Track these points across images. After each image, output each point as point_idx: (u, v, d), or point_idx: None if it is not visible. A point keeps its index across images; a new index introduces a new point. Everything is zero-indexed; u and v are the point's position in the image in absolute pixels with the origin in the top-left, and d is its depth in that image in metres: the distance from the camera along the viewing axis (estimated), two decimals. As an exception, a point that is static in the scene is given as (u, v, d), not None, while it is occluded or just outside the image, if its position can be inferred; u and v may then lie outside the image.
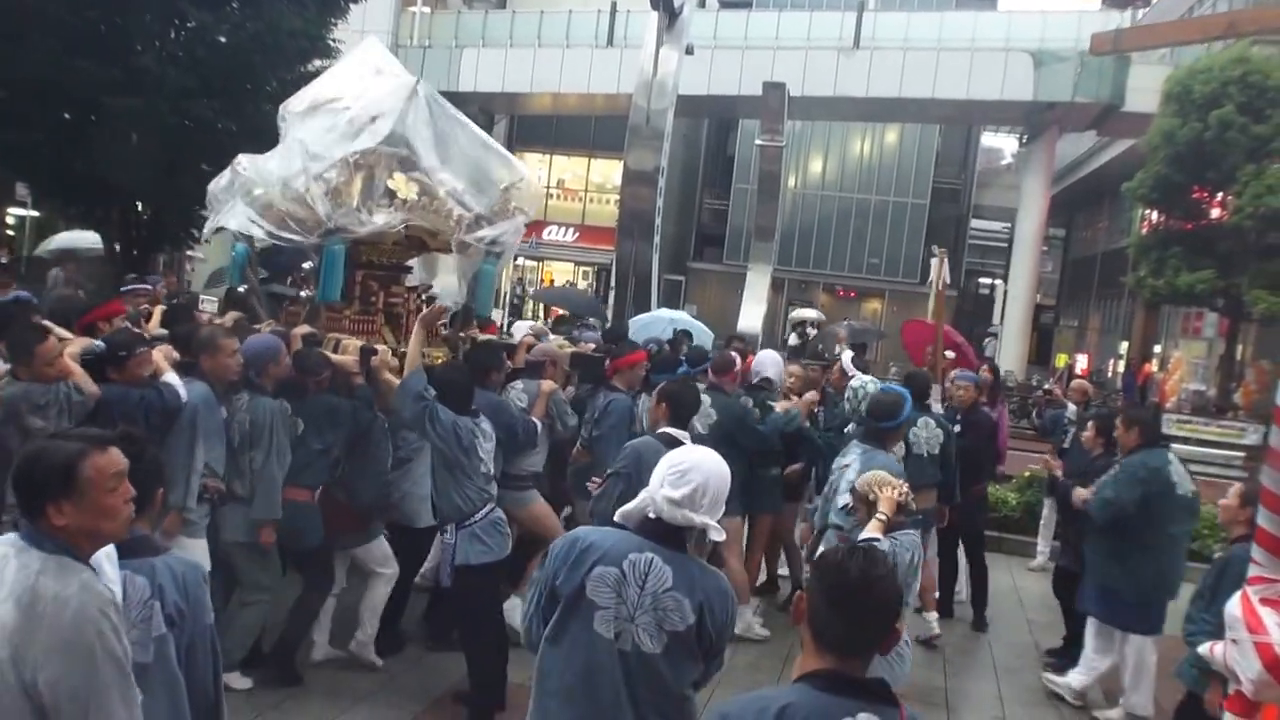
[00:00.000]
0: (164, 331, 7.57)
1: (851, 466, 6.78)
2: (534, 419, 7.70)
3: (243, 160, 8.50)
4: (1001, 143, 57.26)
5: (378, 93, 8.29)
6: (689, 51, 24.47)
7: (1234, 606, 2.50)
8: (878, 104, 35.96)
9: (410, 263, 9.00)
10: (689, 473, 3.72)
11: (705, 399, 8.26)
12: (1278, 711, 2.51)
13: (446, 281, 9.49)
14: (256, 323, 8.35)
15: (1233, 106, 22.91)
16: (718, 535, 3.78)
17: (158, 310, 8.79)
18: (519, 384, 8.10)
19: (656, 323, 14.91)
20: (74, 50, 15.73)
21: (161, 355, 6.38)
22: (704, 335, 14.89)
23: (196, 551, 6.16)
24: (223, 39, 17.93)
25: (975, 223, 53.73)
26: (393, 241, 8.20)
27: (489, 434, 6.64)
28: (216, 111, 17.80)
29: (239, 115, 18.30)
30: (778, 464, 9.07)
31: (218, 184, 8.50)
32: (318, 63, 20.66)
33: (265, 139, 18.34)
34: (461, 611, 6.94)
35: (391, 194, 8.01)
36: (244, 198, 8.12)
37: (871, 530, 5.28)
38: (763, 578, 9.89)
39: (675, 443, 5.54)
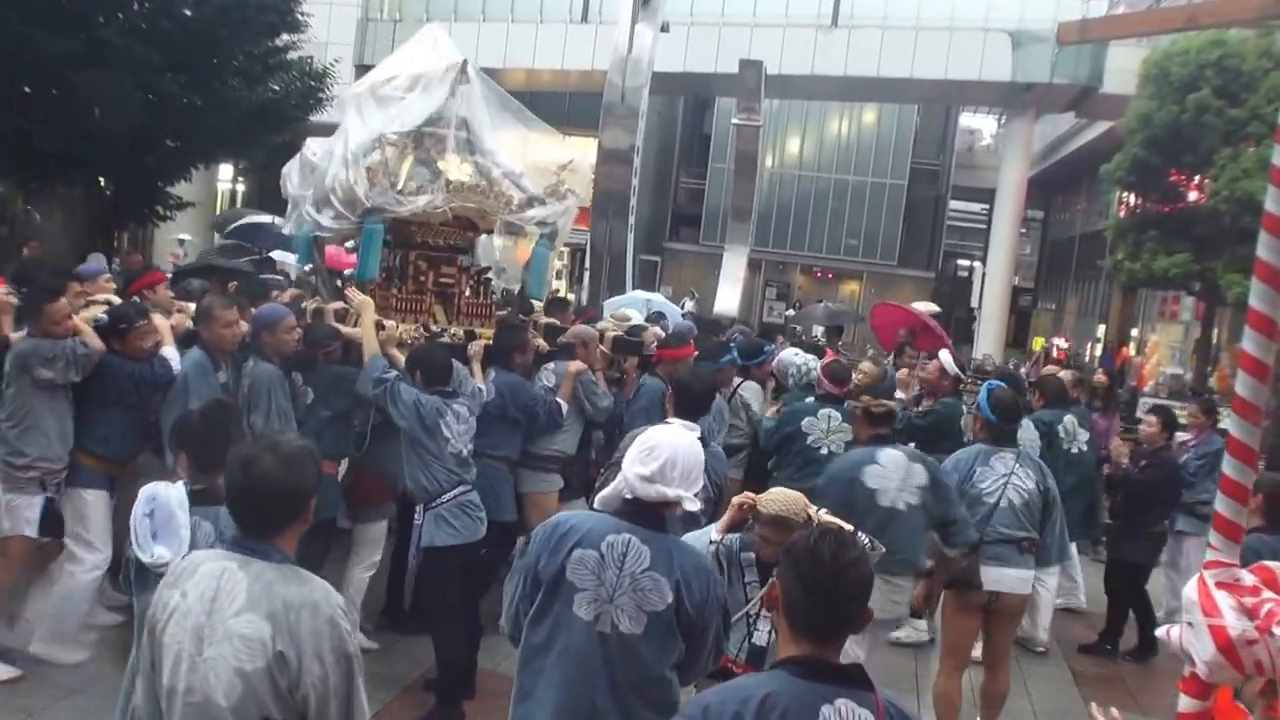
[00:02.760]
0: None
1: (1018, 474, 6.69)
2: (559, 400, 7.78)
3: (311, 145, 8.84)
4: (980, 123, 57.32)
5: (430, 74, 8.47)
6: (664, 28, 24.38)
7: (1190, 590, 2.51)
8: (856, 83, 35.86)
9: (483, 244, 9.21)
10: (656, 449, 3.82)
11: (833, 414, 8.12)
12: (1231, 693, 2.57)
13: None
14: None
15: (1209, 90, 22.86)
16: (691, 506, 3.89)
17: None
18: (550, 365, 8.13)
19: (632, 304, 14.79)
20: (33, 22, 15.47)
21: (168, 325, 6.97)
22: (677, 317, 14.80)
23: None
24: (188, 12, 17.77)
25: (953, 204, 53.76)
26: (440, 223, 8.31)
27: (462, 415, 6.70)
28: (182, 86, 17.68)
29: (205, 90, 18.20)
30: None
31: (290, 171, 8.81)
32: (285, 37, 20.52)
33: (232, 114, 18.38)
34: (428, 595, 6.95)
35: (439, 175, 8.19)
36: (315, 185, 8.35)
37: None
38: None
39: None
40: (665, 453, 3.81)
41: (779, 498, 4.73)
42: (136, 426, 6.88)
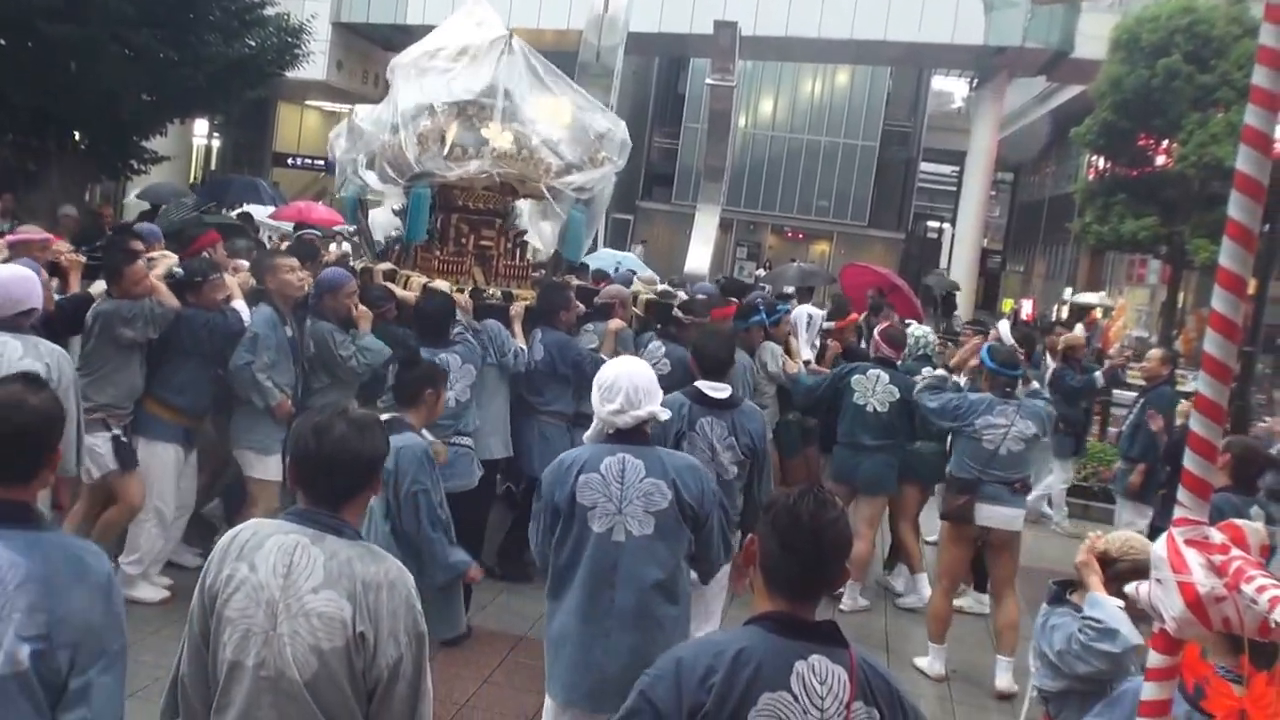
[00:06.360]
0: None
1: (1018, 425, 7.23)
2: (603, 356, 7.97)
3: (359, 111, 9.25)
4: (952, 86, 57.26)
5: (475, 46, 8.83)
6: (640, -12, 24.28)
7: (1159, 547, 2.60)
8: (829, 45, 35.79)
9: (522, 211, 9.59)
10: (614, 384, 4.36)
11: (882, 375, 8.43)
12: (1199, 649, 2.64)
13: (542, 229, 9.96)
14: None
15: (1179, 55, 23.01)
16: (663, 415, 4.54)
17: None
18: (590, 326, 8.50)
19: (603, 263, 14.87)
20: (9, -25, 15.38)
21: (235, 282, 7.26)
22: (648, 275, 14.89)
23: (270, 466, 7.09)
24: (164, -35, 17.65)
25: (924, 166, 53.84)
26: (483, 187, 8.67)
27: (451, 365, 6.98)
28: (158, 41, 17.59)
29: (180, 45, 18.14)
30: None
31: (337, 137, 9.20)
32: (261, -8, 20.46)
33: (207, 69, 18.32)
34: None
35: (484, 141, 8.50)
36: (363, 149, 8.78)
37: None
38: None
39: (705, 398, 5.75)
40: (624, 383, 4.35)
41: (1129, 542, 4.26)
42: (210, 378, 7.12)
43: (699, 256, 26.71)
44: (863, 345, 10.51)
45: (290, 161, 39.66)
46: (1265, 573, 2.15)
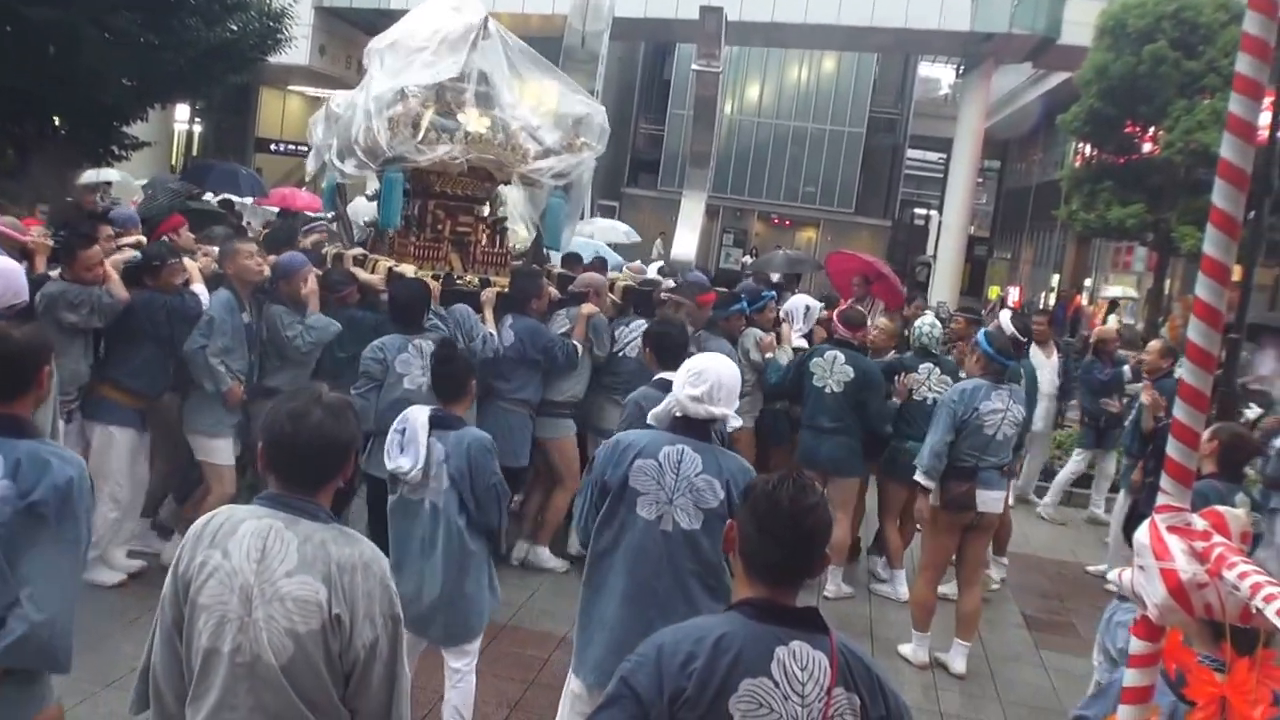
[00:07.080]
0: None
1: (1012, 409, 7.35)
2: (574, 342, 8.12)
3: (336, 97, 9.21)
4: (939, 73, 57.34)
5: (452, 30, 8.79)
6: (626, -27, 24.18)
7: (1142, 534, 2.58)
8: (816, 31, 35.75)
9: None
10: (704, 373, 4.39)
11: (839, 356, 8.45)
12: (1181, 635, 2.63)
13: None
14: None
15: (1166, 42, 22.99)
16: (736, 422, 4.54)
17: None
18: (563, 311, 8.45)
19: (583, 249, 14.84)
20: (-13, -42, 15.25)
21: (195, 266, 7.31)
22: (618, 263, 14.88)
23: (220, 450, 7.14)
24: (145, -51, 17.51)
25: (911, 153, 53.96)
26: (458, 173, 8.65)
27: (425, 350, 6.89)
28: (140, 25, 17.44)
29: (163, 29, 17.99)
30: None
31: (315, 123, 9.21)
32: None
33: (189, 54, 18.20)
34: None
35: (459, 126, 8.50)
36: (340, 135, 8.70)
37: None
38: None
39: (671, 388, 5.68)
40: (712, 377, 4.37)
41: None
42: (165, 361, 7.13)
43: (685, 243, 26.62)
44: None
45: (273, 147, 39.47)
46: (1246, 559, 2.13)
